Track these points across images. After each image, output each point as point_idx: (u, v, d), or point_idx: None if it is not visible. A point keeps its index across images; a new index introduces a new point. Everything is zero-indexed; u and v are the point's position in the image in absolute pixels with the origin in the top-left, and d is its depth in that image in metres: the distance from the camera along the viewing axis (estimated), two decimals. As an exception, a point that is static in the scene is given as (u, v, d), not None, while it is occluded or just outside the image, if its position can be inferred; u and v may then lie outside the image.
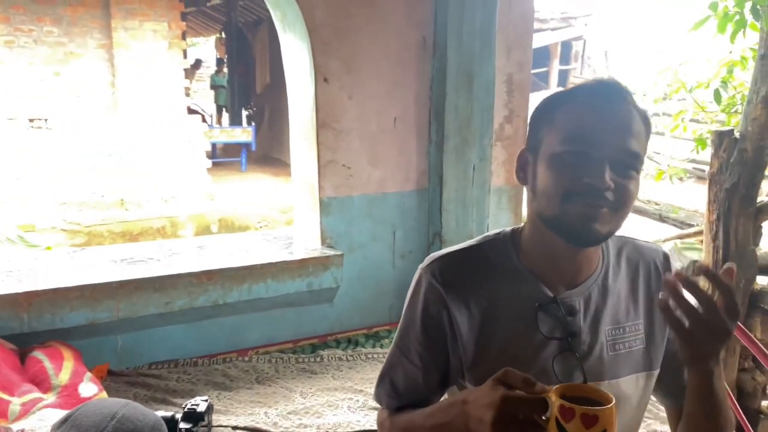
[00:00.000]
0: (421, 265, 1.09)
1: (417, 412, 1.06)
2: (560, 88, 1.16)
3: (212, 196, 8.05)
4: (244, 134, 9.74)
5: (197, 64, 13.65)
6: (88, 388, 1.91)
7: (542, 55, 13.19)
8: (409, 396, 1.10)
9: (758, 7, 3.29)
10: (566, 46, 15.08)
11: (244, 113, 12.80)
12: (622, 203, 0.94)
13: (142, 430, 1.71)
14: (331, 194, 2.74)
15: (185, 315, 2.46)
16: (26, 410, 1.72)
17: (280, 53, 2.87)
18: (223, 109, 12.78)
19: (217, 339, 2.55)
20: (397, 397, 1.11)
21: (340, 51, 2.64)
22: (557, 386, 0.80)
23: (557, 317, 1.02)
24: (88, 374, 1.97)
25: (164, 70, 7.30)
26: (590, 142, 0.93)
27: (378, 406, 1.17)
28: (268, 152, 10.99)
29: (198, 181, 7.86)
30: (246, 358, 2.42)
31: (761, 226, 3.91)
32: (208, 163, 8.04)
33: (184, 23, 7.60)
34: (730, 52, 4.24)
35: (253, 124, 10.70)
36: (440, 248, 3.06)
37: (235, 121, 11.86)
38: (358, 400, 2.14)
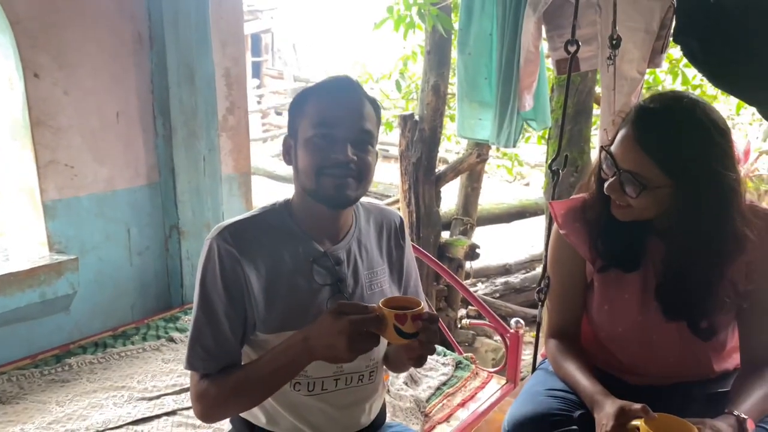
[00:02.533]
0: (210, 236, 1.24)
1: (246, 368, 1.20)
2: (256, 79, 1.41)
3: None
4: None
5: None
6: None
7: (235, 48, 13.38)
8: (222, 354, 1.22)
9: (422, 11, 4.01)
10: (256, 38, 15.54)
11: None
12: (363, 172, 1.24)
13: None
14: (55, 197, 2.59)
15: None
16: None
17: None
18: None
19: (-67, 371, 2.25)
20: (211, 358, 1.21)
21: (49, 45, 2.49)
22: (381, 301, 1.08)
23: (327, 267, 1.29)
24: None
25: None
26: (333, 125, 1.21)
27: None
28: None
29: None
30: (-21, 383, 2.20)
31: (440, 191, 4.79)
32: None
33: None
34: (404, 48, 5.03)
35: None
36: (179, 240, 3.12)
37: None
38: (123, 396, 2.15)
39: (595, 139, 4.46)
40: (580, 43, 1.80)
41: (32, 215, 2.59)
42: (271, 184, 8.26)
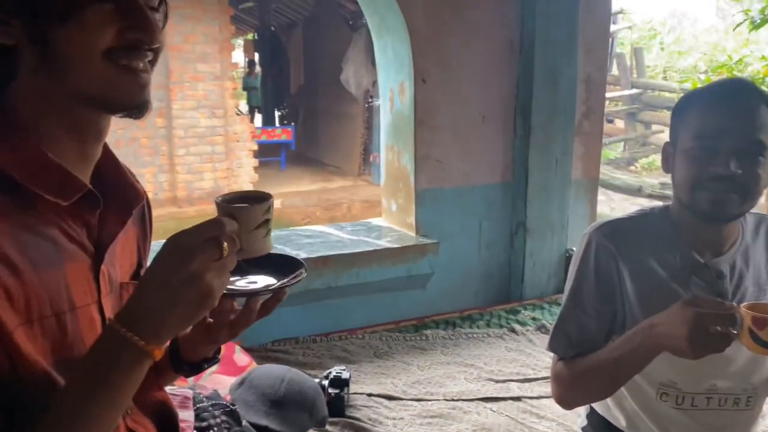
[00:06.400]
0: (589, 231, 1.27)
1: (598, 352, 1.21)
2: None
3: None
4: (285, 134, 9.98)
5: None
6: (241, 358, 2.13)
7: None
8: (582, 345, 1.24)
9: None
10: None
11: (277, 114, 13.04)
12: (749, 187, 1.11)
13: (306, 391, 1.94)
14: (425, 186, 2.94)
15: (300, 297, 2.67)
16: (199, 375, 1.93)
17: (315, 55, 3.05)
18: (255, 109, 13.03)
19: (325, 320, 2.75)
20: (572, 346, 1.26)
21: (435, 53, 2.83)
22: (744, 304, 0.99)
23: (707, 280, 1.21)
24: (237, 347, 2.19)
25: (215, 72, 7.56)
26: (715, 136, 1.11)
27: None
28: (304, 152, 11.25)
29: (246, 180, 8.11)
30: (359, 336, 2.63)
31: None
32: (255, 162, 8.29)
33: (234, 26, 7.83)
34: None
35: (293, 124, 10.91)
36: (524, 237, 3.22)
37: (268, 122, 12.09)
38: (472, 373, 2.34)
39: None
40: None
41: (406, 201, 2.98)
42: (604, 192, 8.02)
